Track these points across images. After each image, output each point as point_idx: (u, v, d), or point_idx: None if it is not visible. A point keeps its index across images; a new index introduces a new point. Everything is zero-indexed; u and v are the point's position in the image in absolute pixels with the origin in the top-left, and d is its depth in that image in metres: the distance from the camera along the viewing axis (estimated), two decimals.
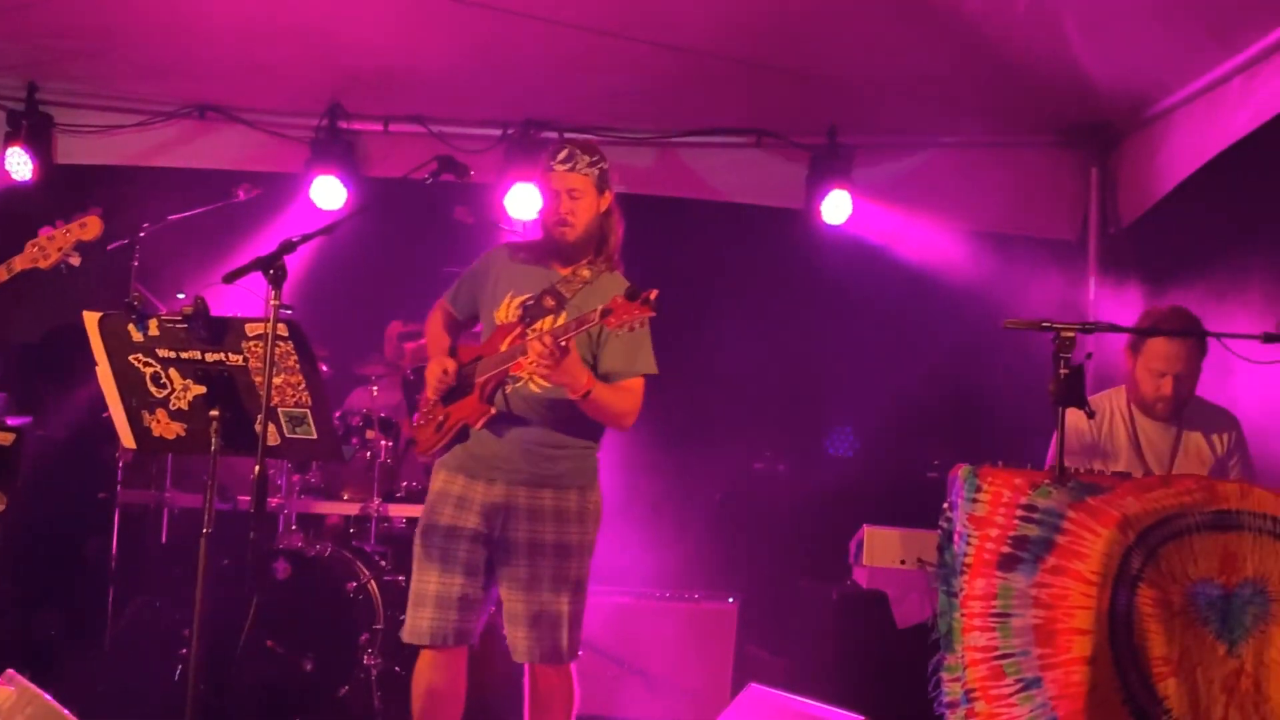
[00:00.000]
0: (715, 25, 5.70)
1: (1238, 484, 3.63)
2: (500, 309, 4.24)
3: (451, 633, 4.12)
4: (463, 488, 4.18)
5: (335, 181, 6.74)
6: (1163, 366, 4.40)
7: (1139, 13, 5.22)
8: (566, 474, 4.18)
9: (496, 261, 4.38)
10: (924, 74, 6.05)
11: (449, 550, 4.13)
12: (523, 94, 6.61)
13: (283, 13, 5.79)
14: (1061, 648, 3.53)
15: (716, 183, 6.97)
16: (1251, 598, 3.54)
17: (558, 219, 4.20)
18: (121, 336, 3.52)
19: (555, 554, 4.13)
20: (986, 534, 3.66)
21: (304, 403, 3.52)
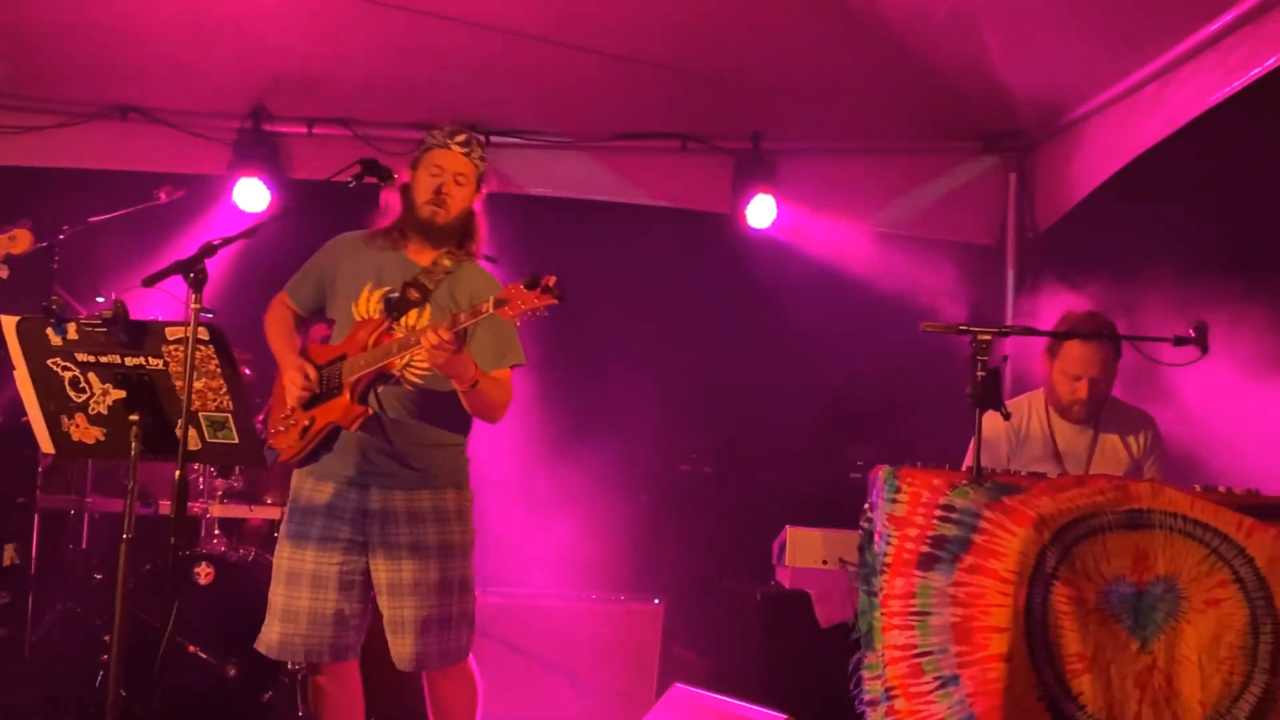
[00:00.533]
0: (640, 30, 5.71)
1: (1150, 484, 3.69)
2: (360, 302, 4.10)
3: (328, 649, 4.03)
4: (333, 495, 4.04)
5: (259, 184, 6.67)
6: (1078, 370, 4.47)
7: (1055, 22, 5.29)
8: (442, 473, 4.09)
9: (346, 250, 4.21)
10: (846, 80, 6.11)
11: (322, 565, 4.00)
12: (448, 97, 6.57)
13: (206, 15, 5.72)
14: (979, 645, 3.56)
15: (642, 186, 6.98)
16: (1163, 595, 3.60)
17: (433, 197, 4.08)
18: (39, 340, 3.44)
19: (440, 555, 4.03)
20: (906, 534, 3.69)
21: (225, 407, 3.47)
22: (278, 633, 4.03)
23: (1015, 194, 6.82)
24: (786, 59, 5.94)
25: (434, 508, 4.06)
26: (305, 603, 4.00)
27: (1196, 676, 3.55)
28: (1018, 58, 5.68)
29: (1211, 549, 3.59)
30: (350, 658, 4.10)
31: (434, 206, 4.09)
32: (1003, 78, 5.92)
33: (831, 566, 4.09)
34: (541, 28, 5.67)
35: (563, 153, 6.95)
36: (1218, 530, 3.60)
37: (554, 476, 6.47)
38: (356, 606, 4.05)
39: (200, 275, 3.37)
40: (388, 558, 4.01)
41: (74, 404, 3.52)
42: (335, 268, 4.20)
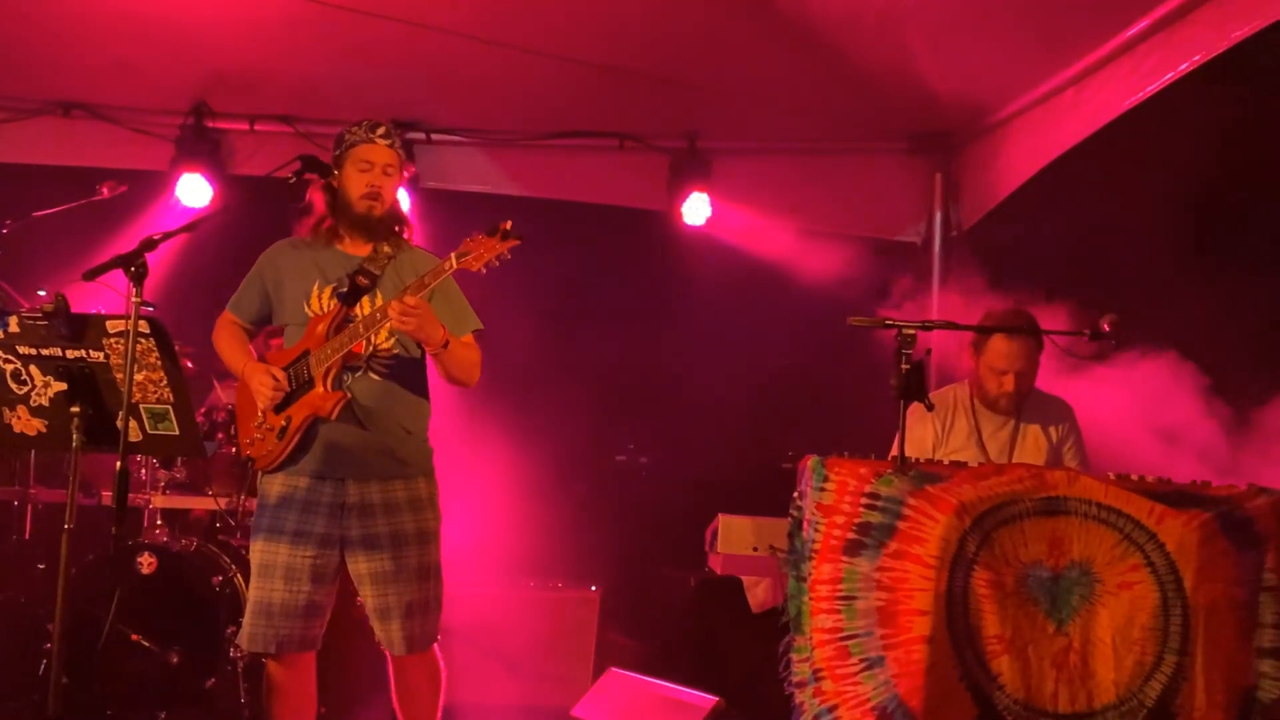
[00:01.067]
0: (577, 31, 5.72)
1: (1066, 472, 3.74)
2: (313, 300, 4.10)
3: (298, 641, 4.04)
4: (307, 491, 4.05)
5: (201, 179, 6.62)
6: (1004, 365, 4.53)
7: (979, 28, 5.36)
8: (412, 462, 4.12)
9: (285, 257, 4.20)
10: (779, 82, 6.14)
11: (296, 557, 4.01)
12: (390, 95, 6.54)
13: (148, 12, 5.66)
14: (902, 628, 3.60)
15: (580, 184, 7.00)
16: (1078, 579, 3.65)
17: (369, 191, 4.07)
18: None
19: (418, 542, 4.08)
20: (833, 521, 3.71)
21: (166, 399, 3.45)
22: (249, 625, 4.04)
23: (941, 193, 6.89)
24: (721, 61, 5.97)
25: (409, 497, 4.09)
26: (279, 595, 4.00)
27: (1110, 657, 3.60)
28: (943, 62, 5.74)
29: (1124, 534, 3.65)
30: (315, 648, 4.12)
31: (370, 200, 4.09)
32: (929, 80, 5.98)
33: (762, 553, 4.13)
34: (480, 28, 5.66)
35: (502, 150, 6.93)
36: (1130, 516, 3.65)
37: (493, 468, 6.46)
38: (327, 599, 4.08)
39: (140, 269, 3.34)
40: (368, 549, 4.02)
41: (15, 396, 3.49)
42: (277, 276, 4.19)
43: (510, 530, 6.34)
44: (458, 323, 4.12)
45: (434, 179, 6.90)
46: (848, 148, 6.95)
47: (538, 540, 6.40)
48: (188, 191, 6.64)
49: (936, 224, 6.91)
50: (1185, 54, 4.73)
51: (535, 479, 6.71)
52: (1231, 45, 4.45)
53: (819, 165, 6.99)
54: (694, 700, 4.75)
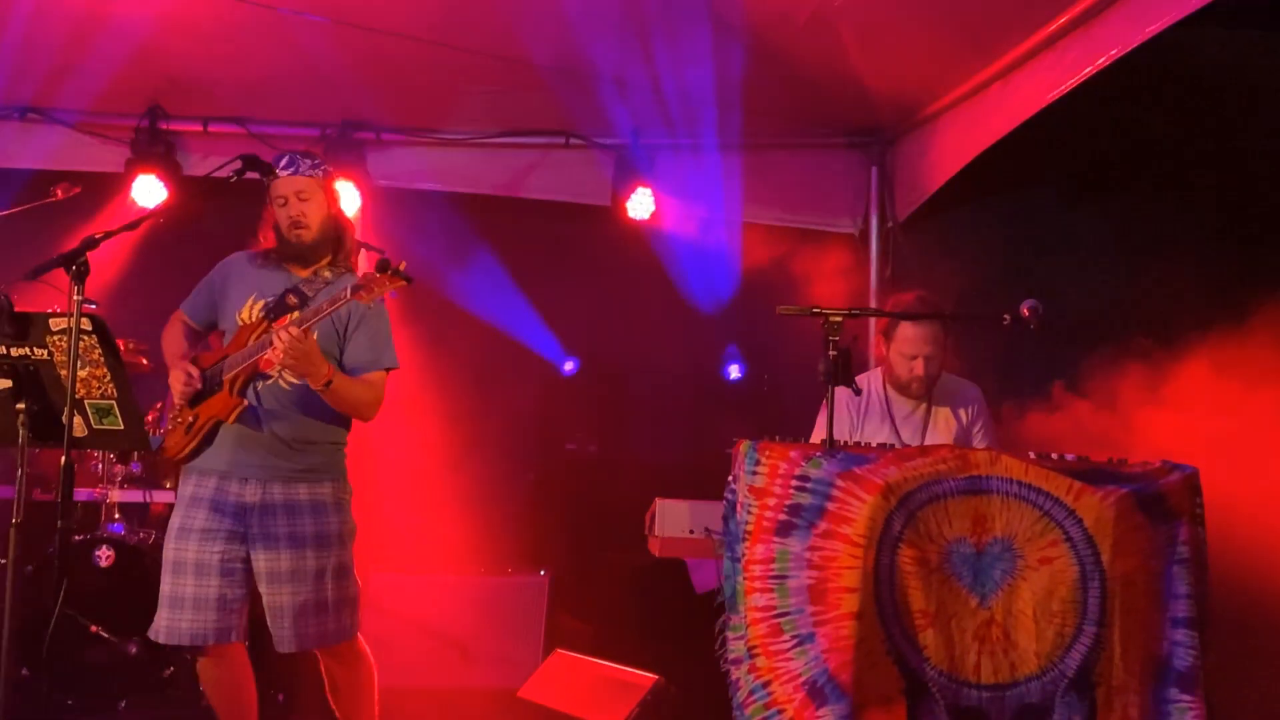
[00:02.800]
0: (521, 32, 5.69)
1: (988, 452, 3.75)
2: (244, 311, 4.16)
3: (212, 632, 4.04)
4: (215, 490, 4.09)
5: (155, 180, 6.55)
6: (913, 350, 4.54)
7: (907, 27, 5.39)
8: (319, 467, 4.14)
9: (234, 268, 4.29)
10: (719, 80, 6.13)
11: (204, 553, 4.03)
12: (339, 96, 6.51)
13: (99, 17, 5.59)
14: (832, 605, 3.61)
15: (527, 180, 6.97)
16: (1000, 555, 3.67)
17: (290, 221, 4.14)
18: None
19: (316, 544, 4.08)
20: (765, 503, 3.71)
21: (110, 394, 3.42)
22: (165, 619, 4.05)
23: (877, 187, 6.91)
24: (661, 60, 5.96)
25: (311, 501, 4.10)
26: (189, 589, 4.02)
27: (1032, 629, 3.63)
28: (874, 59, 5.76)
29: (1044, 511, 3.67)
30: (235, 639, 4.10)
31: (295, 230, 4.16)
32: (862, 78, 5.99)
33: (699, 536, 4.13)
34: (427, 30, 5.63)
35: (450, 149, 6.89)
36: (1049, 494, 3.68)
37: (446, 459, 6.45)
38: (238, 591, 4.07)
39: (82, 268, 3.32)
40: (266, 548, 4.04)
41: None
42: (225, 284, 4.27)
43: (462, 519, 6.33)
44: (372, 357, 4.14)
45: (384, 177, 6.85)
46: (787, 143, 6.96)
47: (489, 528, 6.40)
48: (143, 192, 6.58)
49: (873, 216, 6.92)
50: (1103, 48, 4.76)
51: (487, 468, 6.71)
52: (1146, 39, 4.48)
53: (759, 160, 6.99)
54: (635, 679, 4.76)
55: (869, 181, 6.93)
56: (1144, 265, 5.07)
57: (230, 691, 4.14)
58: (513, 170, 6.96)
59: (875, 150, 6.88)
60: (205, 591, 4.01)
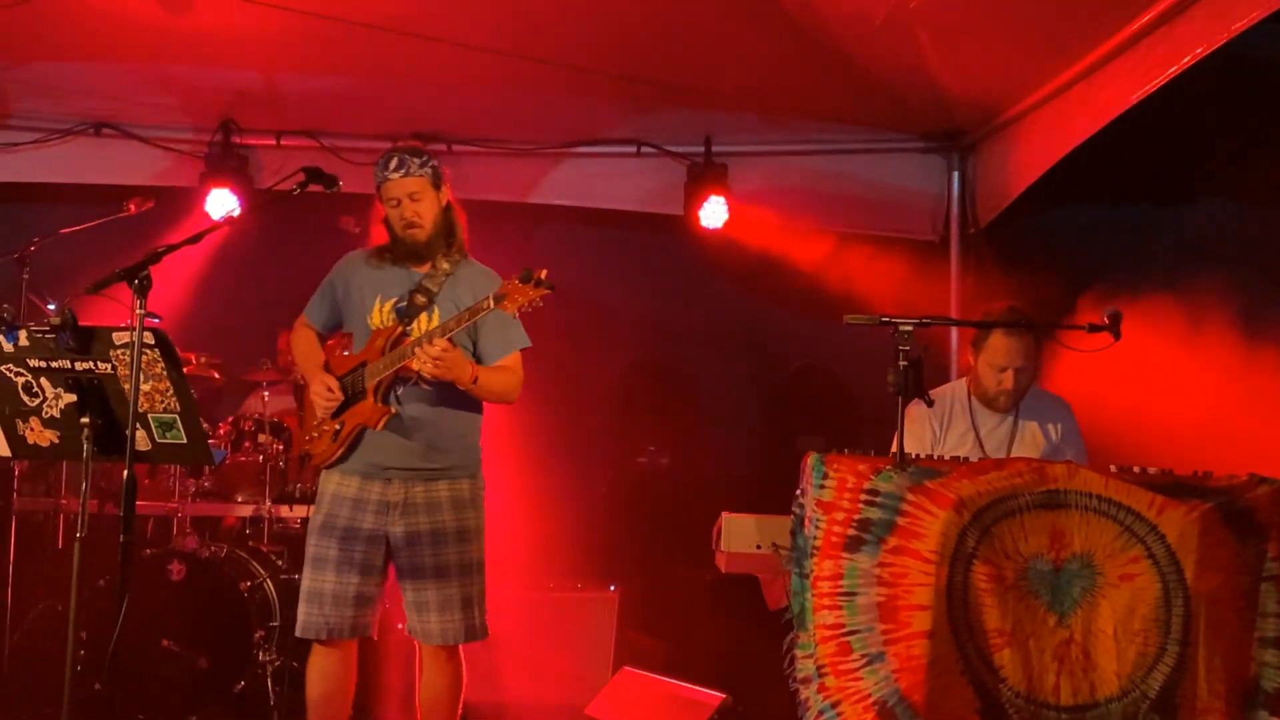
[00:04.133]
0: (591, 41, 5.73)
1: (1065, 465, 3.70)
2: (374, 313, 4.27)
3: (348, 628, 4.19)
4: (358, 489, 4.21)
5: (229, 194, 6.67)
6: (1003, 361, 4.45)
7: (986, 27, 5.31)
8: (458, 465, 4.26)
9: (353, 270, 4.39)
10: (792, 84, 6.12)
11: (346, 550, 4.17)
12: (410, 108, 6.59)
13: (174, 33, 5.71)
14: (903, 623, 3.58)
15: (599, 190, 6.99)
16: (1079, 571, 3.62)
17: (405, 223, 4.24)
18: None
19: (458, 539, 4.22)
20: (834, 518, 3.70)
21: (172, 408, 3.48)
22: (303, 612, 4.20)
23: (957, 192, 6.82)
24: (733, 65, 5.96)
25: (451, 497, 4.23)
26: (330, 586, 4.16)
27: (1112, 648, 3.57)
28: (952, 61, 5.70)
29: (1125, 526, 3.61)
30: (364, 635, 4.26)
31: (410, 230, 4.26)
32: (939, 80, 5.93)
33: (765, 551, 4.11)
34: (496, 40, 5.68)
35: (522, 159, 6.94)
36: (1131, 509, 3.62)
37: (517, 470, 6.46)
38: (375, 590, 4.23)
39: (144, 281, 3.38)
40: (409, 545, 4.18)
41: (28, 408, 3.53)
42: (345, 286, 4.38)
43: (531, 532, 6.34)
44: (504, 342, 4.26)
45: (455, 188, 6.85)
46: (863, 148, 6.89)
47: (558, 542, 6.41)
48: (217, 206, 6.70)
49: (954, 222, 6.83)
50: (1188, 47, 4.66)
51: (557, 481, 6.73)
52: (1232, 37, 4.38)
53: (835, 166, 6.93)
54: (702, 698, 4.75)
55: (949, 187, 6.84)
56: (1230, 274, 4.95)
57: (336, 685, 4.26)
58: (584, 179, 6.99)
59: (955, 154, 6.79)
60: (344, 589, 4.15)
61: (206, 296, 6.85)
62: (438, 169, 4.31)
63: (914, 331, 3.77)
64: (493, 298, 3.81)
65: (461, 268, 4.29)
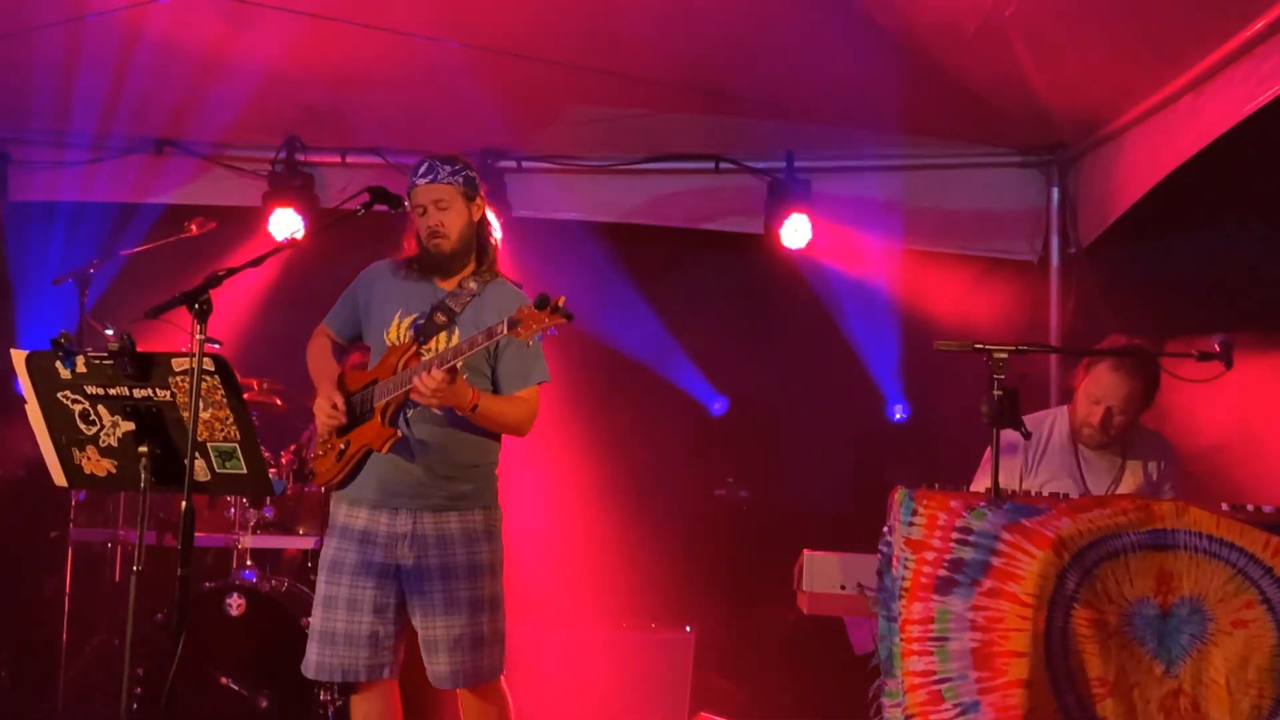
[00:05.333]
0: (669, 53, 5.74)
1: (1173, 503, 3.64)
2: (391, 329, 4.26)
3: (364, 668, 4.16)
4: (366, 521, 4.20)
5: (293, 214, 6.77)
6: (1099, 394, 4.37)
7: (1086, 34, 5.26)
8: (470, 494, 4.23)
9: (377, 280, 4.38)
10: (879, 96, 6.09)
11: (356, 588, 4.16)
12: (478, 124, 6.64)
13: (237, 49, 5.81)
14: (999, 670, 3.54)
15: (675, 209, 7.01)
16: (1189, 617, 3.56)
17: (429, 231, 4.21)
18: (49, 374, 3.53)
19: (469, 575, 4.17)
20: (923, 557, 3.67)
21: (232, 437, 3.53)
22: (315, 653, 4.20)
23: (1057, 209, 6.75)
24: (817, 77, 5.94)
25: (462, 529, 4.19)
26: (341, 625, 4.16)
27: (1225, 700, 3.50)
28: (1050, 71, 5.63)
29: (1238, 569, 3.55)
30: (387, 676, 4.23)
31: (434, 239, 4.23)
32: (1037, 90, 5.87)
33: (850, 592, 4.08)
34: (568, 54, 5.71)
35: (594, 176, 6.99)
36: (1244, 550, 3.55)
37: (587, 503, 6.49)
38: (390, 628, 4.20)
39: (204, 305, 3.44)
40: (419, 580, 4.15)
41: (84, 436, 3.60)
42: (368, 297, 4.38)
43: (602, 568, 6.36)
44: (523, 375, 4.23)
45: (526, 208, 6.97)
46: (956, 163, 6.85)
47: (631, 579, 6.41)
48: (280, 227, 6.79)
49: (1053, 241, 6.76)
50: None
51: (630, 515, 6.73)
52: None
53: (926, 181, 6.90)
54: None
55: (1048, 203, 6.77)
56: None
57: None
58: (659, 197, 7.01)
59: (1055, 170, 6.72)
60: (356, 628, 4.14)
61: (268, 320, 6.95)
62: (472, 179, 4.26)
63: (1009, 359, 3.74)
64: (506, 323, 3.79)
65: (490, 288, 4.25)
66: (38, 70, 6.08)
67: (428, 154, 4.30)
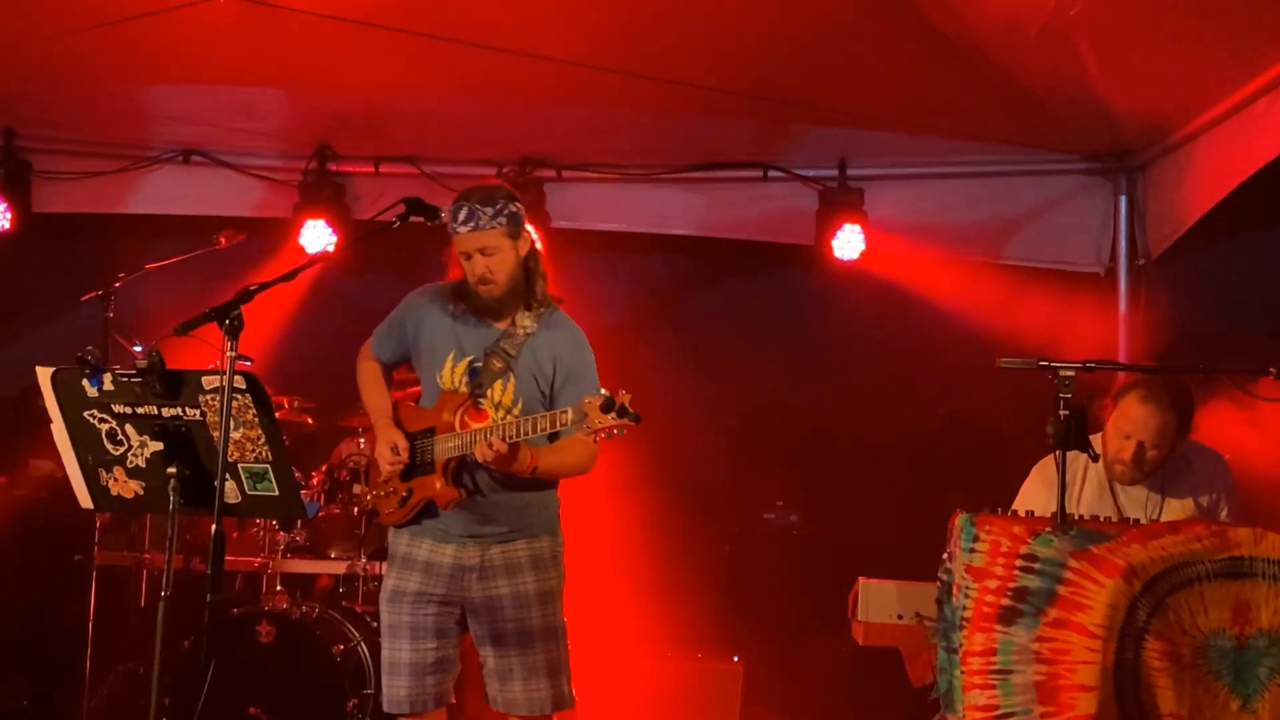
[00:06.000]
0: (716, 57, 5.76)
1: (1251, 530, 3.62)
2: (444, 372, 4.23)
3: (431, 698, 4.23)
4: (429, 552, 4.24)
5: (324, 225, 6.83)
6: (1128, 428, 4.24)
7: (1155, 35, 5.23)
8: (536, 522, 4.27)
9: (425, 312, 4.33)
10: (936, 101, 6.09)
11: (419, 616, 4.20)
12: (519, 131, 6.70)
13: (268, 56, 5.88)
14: (1065, 705, 3.54)
15: (721, 219, 7.02)
16: (1267, 649, 3.54)
17: (477, 279, 4.16)
18: (75, 392, 3.56)
19: (540, 602, 4.22)
20: (985, 586, 3.67)
21: (264, 458, 3.55)
22: (386, 686, 4.27)
23: (1125, 218, 6.71)
24: (871, 81, 5.96)
25: (531, 557, 4.24)
26: (406, 654, 4.21)
27: None
28: (1118, 73, 5.61)
29: None
30: (445, 704, 4.30)
31: (483, 286, 4.18)
32: (1104, 94, 5.84)
33: (908, 621, 4.07)
34: (609, 57, 5.74)
35: (637, 186, 7.01)
36: None
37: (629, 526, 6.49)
38: (453, 653, 4.27)
39: (235, 321, 3.46)
40: (489, 609, 4.20)
41: (112, 457, 3.63)
42: (418, 329, 4.35)
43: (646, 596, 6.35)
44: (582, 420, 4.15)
45: (566, 218, 6.99)
46: (1018, 169, 6.84)
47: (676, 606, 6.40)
48: (312, 238, 6.86)
49: (1120, 252, 6.72)
50: None
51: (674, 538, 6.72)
52: None
53: (986, 190, 6.89)
54: None
55: (1115, 213, 6.73)
56: None
57: None
58: (705, 207, 7.03)
59: (1122, 177, 6.68)
60: (422, 655, 4.20)
61: (297, 335, 7.00)
62: (515, 216, 4.15)
63: (1076, 377, 3.72)
64: (571, 414, 3.80)
65: (544, 324, 4.23)
66: (64, 78, 6.17)
67: (464, 192, 4.19)
